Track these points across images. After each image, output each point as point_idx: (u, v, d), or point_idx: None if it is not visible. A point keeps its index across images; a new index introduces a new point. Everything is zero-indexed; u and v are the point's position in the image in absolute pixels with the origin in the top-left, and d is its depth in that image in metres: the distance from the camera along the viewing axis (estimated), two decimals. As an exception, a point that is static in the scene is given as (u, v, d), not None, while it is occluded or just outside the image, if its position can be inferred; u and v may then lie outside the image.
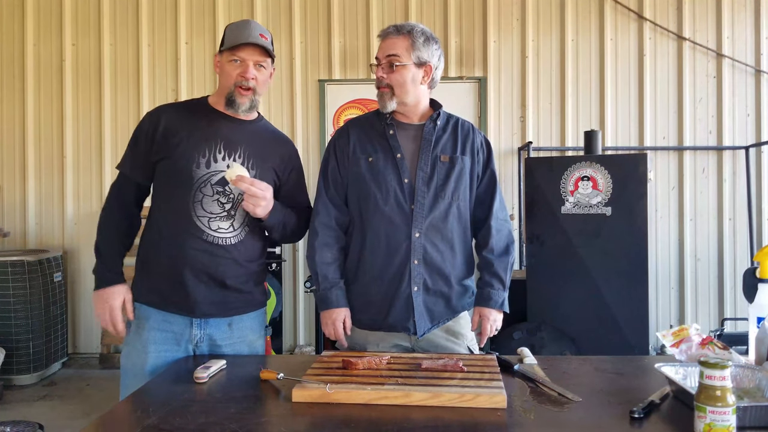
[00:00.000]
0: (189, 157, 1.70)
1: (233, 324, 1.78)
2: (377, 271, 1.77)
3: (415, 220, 1.75)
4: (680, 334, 1.55)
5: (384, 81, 1.76)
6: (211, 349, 1.76)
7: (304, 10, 4.57)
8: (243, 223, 1.76)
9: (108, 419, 1.26)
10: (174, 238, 1.71)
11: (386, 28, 1.79)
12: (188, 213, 1.70)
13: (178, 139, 1.72)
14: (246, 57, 1.73)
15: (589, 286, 3.33)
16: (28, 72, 4.61)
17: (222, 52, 1.76)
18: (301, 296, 4.56)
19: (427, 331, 1.78)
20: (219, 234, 1.72)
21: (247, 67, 1.73)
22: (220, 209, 1.72)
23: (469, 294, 1.86)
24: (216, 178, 1.72)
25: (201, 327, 1.74)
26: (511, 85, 4.53)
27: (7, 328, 3.94)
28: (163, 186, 1.75)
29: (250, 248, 1.79)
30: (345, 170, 1.83)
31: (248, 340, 1.81)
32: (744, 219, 4.41)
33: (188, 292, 1.70)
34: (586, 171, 3.35)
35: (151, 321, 1.72)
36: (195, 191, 1.70)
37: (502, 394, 1.28)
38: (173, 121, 1.75)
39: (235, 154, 1.75)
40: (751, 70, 4.46)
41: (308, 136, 4.57)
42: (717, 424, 1.04)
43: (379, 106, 1.81)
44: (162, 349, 1.71)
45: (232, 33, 1.75)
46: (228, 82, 1.74)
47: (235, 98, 1.75)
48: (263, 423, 1.21)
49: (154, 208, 1.79)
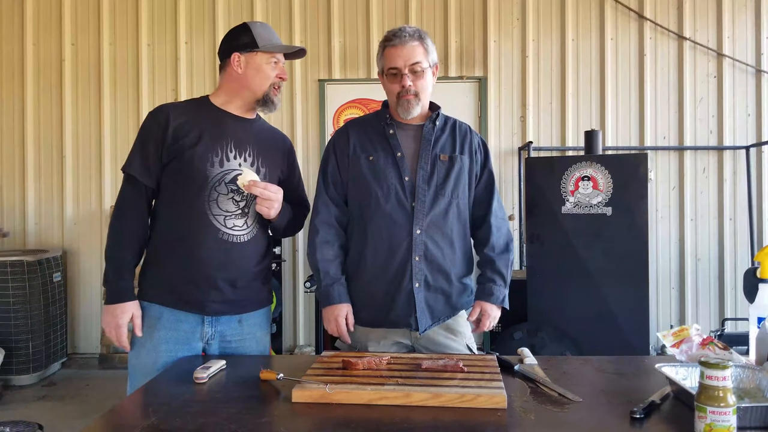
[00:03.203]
0: (203, 157, 1.72)
1: (243, 321, 1.81)
2: (379, 268, 1.78)
3: (416, 217, 1.77)
4: (681, 334, 1.54)
5: (412, 89, 1.78)
6: (221, 346, 1.78)
7: (304, 10, 4.56)
8: (254, 221, 1.80)
9: (108, 419, 1.26)
10: (191, 237, 1.71)
11: (398, 34, 1.78)
12: (204, 212, 1.71)
13: (190, 140, 1.73)
14: (281, 59, 1.82)
15: (589, 286, 3.33)
16: (27, 72, 4.61)
17: (254, 52, 1.77)
18: (301, 296, 4.55)
19: (428, 327, 1.80)
20: (234, 231, 1.75)
21: (283, 69, 1.82)
22: (235, 207, 1.75)
23: (468, 292, 1.88)
24: (229, 177, 1.74)
25: (213, 325, 1.76)
26: (512, 84, 4.52)
27: (6, 329, 3.94)
28: (175, 186, 1.75)
29: (260, 245, 1.82)
30: (345, 170, 1.85)
31: (257, 336, 1.85)
32: (745, 219, 4.41)
33: (203, 291, 1.72)
34: (586, 171, 3.35)
35: (163, 320, 1.73)
36: (210, 190, 1.72)
37: (503, 395, 1.28)
38: (182, 121, 1.75)
39: (245, 152, 1.79)
40: (752, 70, 4.45)
41: (308, 136, 4.57)
42: (717, 425, 1.04)
43: (400, 115, 1.83)
44: (173, 348, 1.72)
45: (265, 33, 1.80)
46: (265, 82, 1.79)
47: (272, 97, 1.81)
48: (263, 423, 1.21)
49: (165, 208, 1.77)
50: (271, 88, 1.80)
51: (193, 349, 1.75)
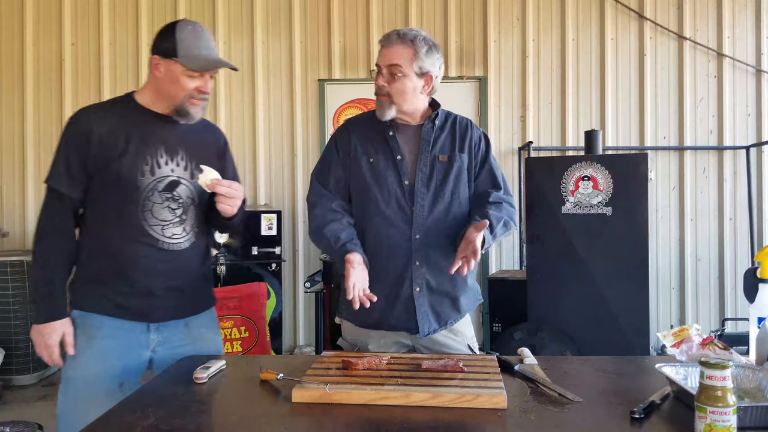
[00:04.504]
0: (133, 167, 1.62)
1: (190, 323, 1.76)
2: (378, 273, 1.75)
3: (416, 221, 1.75)
4: (681, 334, 1.54)
5: (384, 90, 1.74)
6: (169, 351, 1.71)
7: (304, 9, 4.56)
8: (193, 226, 1.73)
9: (107, 419, 1.25)
10: (129, 251, 1.64)
11: (389, 34, 1.76)
12: (139, 224, 1.64)
13: (117, 148, 1.62)
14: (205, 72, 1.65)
15: (589, 286, 3.33)
16: (27, 72, 4.61)
17: (171, 60, 1.61)
18: (300, 296, 4.55)
19: (432, 331, 1.77)
20: (174, 240, 1.68)
21: (206, 81, 1.66)
22: (172, 216, 1.68)
23: (474, 293, 1.86)
24: (162, 185, 1.66)
25: (159, 331, 1.70)
26: (512, 84, 4.52)
27: (6, 329, 3.93)
28: (105, 198, 1.65)
29: (200, 248, 1.77)
30: (347, 168, 1.82)
31: (206, 338, 1.78)
32: (745, 219, 4.41)
33: (146, 301, 1.66)
34: (586, 171, 3.35)
35: (105, 330, 1.65)
36: (143, 200, 1.64)
37: (503, 395, 1.27)
38: (106, 127, 1.63)
39: (177, 157, 1.69)
40: (752, 70, 4.45)
41: (308, 135, 4.57)
42: (718, 425, 1.04)
43: (377, 113, 1.80)
44: (117, 356, 1.64)
45: (191, 40, 1.62)
46: (180, 94, 1.64)
47: (188, 109, 1.66)
48: (263, 423, 1.21)
49: (96, 220, 1.67)
50: (187, 99, 1.64)
51: (140, 357, 1.68)
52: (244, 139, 4.54)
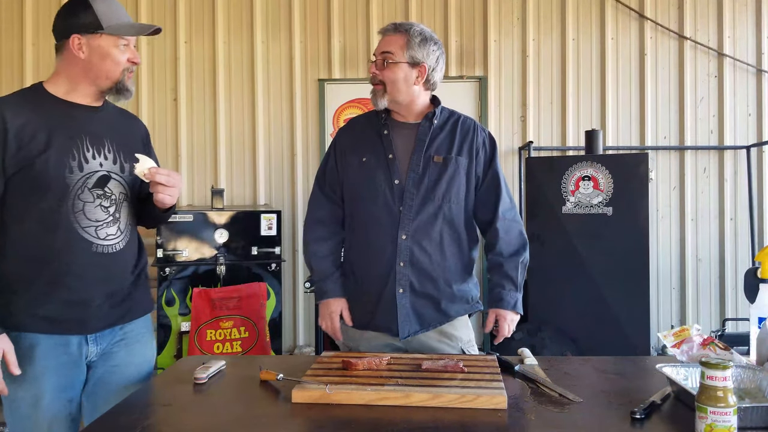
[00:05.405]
0: (58, 164, 1.48)
1: (126, 330, 1.65)
2: (363, 272, 1.77)
3: (402, 222, 1.73)
4: (681, 334, 1.54)
5: (377, 77, 1.75)
6: (105, 361, 1.60)
7: (304, 9, 4.56)
8: (127, 224, 1.63)
9: (107, 419, 1.25)
10: (61, 256, 1.50)
11: (387, 26, 1.79)
12: (71, 226, 1.50)
13: (38, 144, 1.47)
14: (131, 40, 1.57)
15: (590, 286, 3.33)
16: (27, 72, 4.60)
17: (98, 34, 1.52)
18: (300, 297, 4.55)
19: (412, 333, 1.75)
20: (109, 241, 1.57)
21: (134, 51, 1.58)
22: (105, 214, 1.56)
23: (466, 300, 1.82)
24: (92, 181, 1.54)
25: (96, 342, 1.58)
26: (512, 84, 4.52)
27: (7, 328, 3.92)
28: (28, 199, 1.49)
29: (134, 248, 1.66)
30: (342, 169, 1.83)
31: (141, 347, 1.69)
32: (745, 219, 4.41)
33: (83, 310, 1.53)
34: (587, 171, 3.34)
35: (41, 348, 1.49)
36: (73, 200, 1.50)
37: (503, 395, 1.27)
38: (22, 122, 1.47)
39: (104, 149, 1.58)
40: (753, 70, 4.45)
41: (308, 135, 4.56)
42: (718, 425, 1.04)
43: (371, 104, 1.80)
44: (59, 374, 1.51)
45: (110, 10, 1.54)
46: (115, 69, 1.55)
47: (126, 84, 1.58)
48: (263, 424, 1.21)
49: (19, 225, 1.50)
50: (125, 74, 1.56)
51: (81, 371, 1.56)
52: (244, 139, 4.54)
